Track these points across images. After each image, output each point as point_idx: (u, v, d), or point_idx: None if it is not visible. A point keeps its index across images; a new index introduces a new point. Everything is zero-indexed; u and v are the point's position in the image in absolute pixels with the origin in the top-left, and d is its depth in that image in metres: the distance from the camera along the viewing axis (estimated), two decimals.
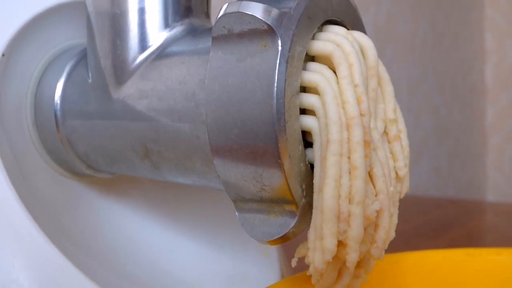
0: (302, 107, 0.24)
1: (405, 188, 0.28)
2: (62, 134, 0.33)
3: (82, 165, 0.34)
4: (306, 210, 0.25)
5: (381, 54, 0.97)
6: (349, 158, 0.24)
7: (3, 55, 0.32)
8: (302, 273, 0.31)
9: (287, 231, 0.25)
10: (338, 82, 0.24)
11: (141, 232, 0.38)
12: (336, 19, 0.26)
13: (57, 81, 0.33)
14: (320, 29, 0.26)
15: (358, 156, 0.24)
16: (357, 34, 0.26)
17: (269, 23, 0.23)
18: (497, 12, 1.29)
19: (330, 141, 0.24)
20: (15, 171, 0.32)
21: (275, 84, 0.23)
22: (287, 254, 0.41)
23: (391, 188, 0.26)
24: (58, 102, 0.33)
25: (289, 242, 0.26)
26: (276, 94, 0.23)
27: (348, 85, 0.24)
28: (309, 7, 0.24)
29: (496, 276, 0.33)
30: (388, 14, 0.99)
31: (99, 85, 0.31)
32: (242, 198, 0.25)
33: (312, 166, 0.25)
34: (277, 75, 0.23)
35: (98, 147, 0.32)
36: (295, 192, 0.24)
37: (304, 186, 0.25)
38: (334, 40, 0.25)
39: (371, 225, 0.25)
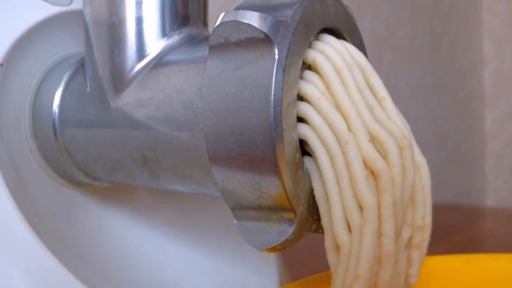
0: (299, 116, 0.25)
1: None
2: (60, 143, 0.33)
3: (81, 174, 0.34)
4: (304, 217, 0.25)
5: (379, 60, 0.97)
6: None
7: (1, 65, 0.32)
8: (301, 281, 0.31)
9: (285, 238, 0.25)
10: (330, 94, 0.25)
11: (139, 241, 0.38)
12: (333, 27, 0.26)
13: (55, 90, 0.33)
14: (317, 37, 0.26)
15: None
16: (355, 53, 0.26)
17: (265, 31, 0.23)
18: (495, 19, 1.29)
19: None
20: (13, 180, 0.32)
21: (272, 93, 0.23)
22: (286, 261, 0.41)
23: None
24: (56, 111, 0.33)
25: (288, 250, 0.26)
26: (273, 102, 0.23)
27: (343, 96, 0.24)
28: (305, 16, 0.24)
29: (495, 281, 0.33)
30: (386, 21, 1.00)
31: (97, 94, 0.31)
32: (240, 206, 0.26)
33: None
34: (274, 83, 0.23)
35: (96, 156, 0.32)
36: (293, 199, 0.24)
37: (302, 194, 0.25)
38: (327, 54, 0.25)
39: None
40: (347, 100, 0.24)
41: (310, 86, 0.24)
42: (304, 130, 0.25)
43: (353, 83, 0.25)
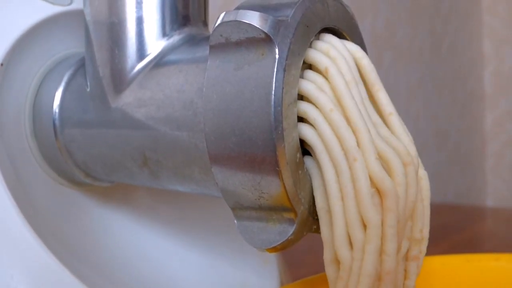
0: (300, 116, 0.25)
1: None
2: (60, 143, 0.33)
3: (81, 174, 0.34)
4: (305, 217, 0.25)
5: (379, 60, 0.97)
6: None
7: (1, 64, 0.32)
8: (301, 281, 0.31)
9: (286, 238, 0.25)
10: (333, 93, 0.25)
11: (139, 241, 0.38)
12: (334, 26, 0.26)
13: (55, 90, 0.33)
14: (317, 37, 0.26)
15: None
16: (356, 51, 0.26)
17: (266, 31, 0.23)
18: (495, 19, 1.29)
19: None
20: (13, 180, 0.32)
21: (273, 92, 0.23)
22: (287, 261, 0.41)
23: None
24: (57, 111, 0.33)
25: (288, 250, 0.26)
26: (274, 102, 0.23)
27: (347, 97, 0.24)
28: (306, 15, 0.24)
29: (495, 281, 0.33)
30: (386, 21, 1.00)
31: (97, 94, 0.31)
32: (240, 206, 0.26)
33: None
34: (275, 83, 0.23)
35: (96, 156, 0.32)
36: (293, 199, 0.24)
37: (302, 194, 0.25)
38: (328, 53, 0.25)
39: None
40: (358, 115, 0.24)
41: (324, 97, 0.24)
42: (305, 132, 0.25)
43: (359, 99, 0.25)
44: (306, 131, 0.25)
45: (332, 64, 0.25)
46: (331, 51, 0.25)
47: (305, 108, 0.24)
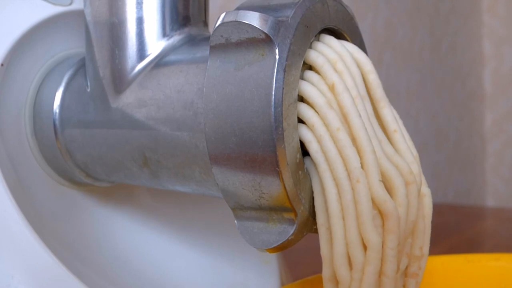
0: (300, 117, 0.25)
1: None
2: (61, 143, 0.33)
3: (81, 174, 0.34)
4: (305, 217, 0.25)
5: (379, 60, 0.97)
6: None
7: (2, 65, 0.32)
8: (302, 280, 0.31)
9: (286, 239, 0.25)
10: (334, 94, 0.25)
11: (139, 241, 0.38)
12: (334, 27, 0.26)
13: (56, 90, 0.33)
14: (318, 37, 0.26)
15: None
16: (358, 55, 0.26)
17: (266, 32, 0.23)
18: (495, 19, 1.29)
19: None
20: (13, 180, 0.32)
21: (273, 93, 0.23)
22: (287, 261, 0.41)
23: None
24: (57, 111, 0.33)
25: (288, 250, 0.26)
26: (274, 102, 0.23)
27: (347, 99, 0.24)
28: (306, 16, 0.24)
29: (495, 282, 0.33)
30: (386, 21, 1.00)
31: (97, 94, 0.31)
32: (241, 206, 0.26)
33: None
34: (275, 83, 0.23)
35: (97, 156, 0.32)
36: (293, 200, 0.24)
37: (302, 194, 0.25)
38: (327, 56, 0.25)
39: None
40: (364, 135, 0.24)
41: (332, 113, 0.24)
42: (305, 135, 0.24)
43: (365, 116, 0.25)
44: (306, 135, 0.24)
45: (340, 81, 0.24)
46: (331, 55, 0.25)
47: (312, 121, 0.24)
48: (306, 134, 0.24)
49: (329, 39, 0.26)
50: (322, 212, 0.25)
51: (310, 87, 0.24)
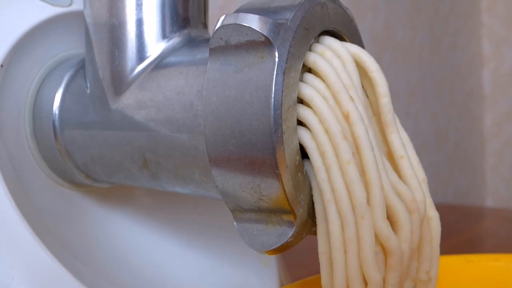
0: (300, 119, 0.25)
1: None
2: (60, 144, 0.33)
3: (81, 175, 0.34)
4: (304, 219, 0.25)
5: (379, 60, 0.97)
6: None
7: (1, 66, 0.32)
8: (301, 281, 0.31)
9: (285, 241, 0.25)
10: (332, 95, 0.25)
11: (139, 241, 0.38)
12: (333, 29, 0.26)
13: (55, 91, 0.33)
14: (317, 39, 0.26)
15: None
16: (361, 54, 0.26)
17: (265, 34, 0.23)
18: (495, 19, 1.29)
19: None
20: (13, 181, 0.32)
21: (273, 95, 0.23)
22: (286, 262, 0.41)
23: None
24: (57, 112, 0.33)
25: (287, 251, 0.26)
26: (274, 105, 0.23)
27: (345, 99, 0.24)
28: (305, 18, 0.25)
29: (495, 282, 0.33)
30: (386, 21, 1.00)
31: (97, 95, 0.31)
32: (240, 208, 0.26)
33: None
34: (274, 86, 0.23)
35: (96, 157, 0.32)
36: (292, 202, 0.24)
37: (302, 196, 0.25)
38: (327, 57, 0.25)
39: None
40: (374, 171, 0.24)
41: (346, 147, 0.23)
42: (319, 178, 0.24)
43: (376, 145, 0.24)
44: (305, 139, 0.24)
45: (354, 109, 0.24)
46: (334, 61, 0.25)
47: (323, 148, 0.24)
48: (306, 138, 0.25)
49: (329, 40, 0.26)
50: (323, 242, 0.25)
51: (310, 89, 0.25)
